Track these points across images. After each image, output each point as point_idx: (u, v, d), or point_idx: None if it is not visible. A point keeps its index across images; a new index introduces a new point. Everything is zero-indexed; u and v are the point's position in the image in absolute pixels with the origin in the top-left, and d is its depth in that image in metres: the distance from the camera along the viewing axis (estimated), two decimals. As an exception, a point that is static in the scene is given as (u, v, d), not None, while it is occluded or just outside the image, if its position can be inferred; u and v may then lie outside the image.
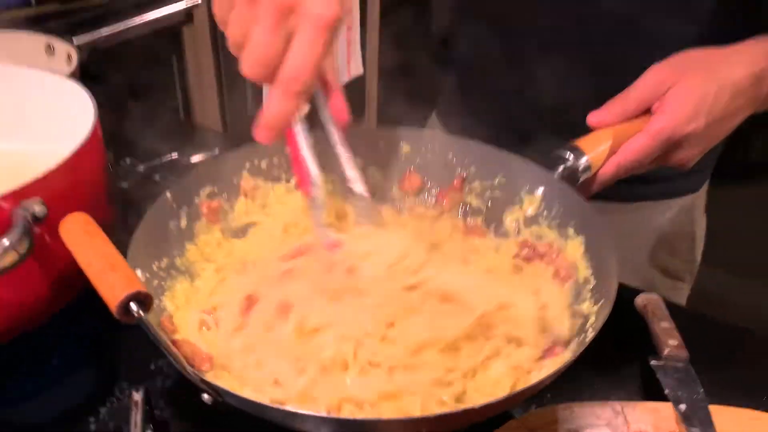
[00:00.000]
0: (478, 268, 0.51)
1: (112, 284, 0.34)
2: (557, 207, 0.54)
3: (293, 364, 0.39)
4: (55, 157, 0.44)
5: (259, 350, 0.40)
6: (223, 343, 0.43)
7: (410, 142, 0.59)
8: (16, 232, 0.38)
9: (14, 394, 0.48)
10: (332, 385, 0.38)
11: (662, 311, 0.58)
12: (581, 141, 0.54)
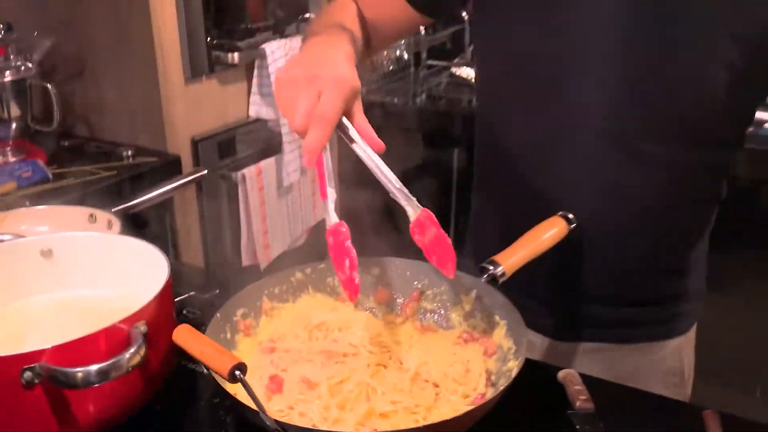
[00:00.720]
0: (427, 348, 0.74)
1: (222, 361, 0.54)
2: (486, 302, 0.77)
3: (323, 412, 0.60)
4: (138, 297, 0.65)
5: (300, 406, 0.61)
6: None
7: (379, 266, 0.83)
8: (136, 344, 0.59)
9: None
10: (351, 416, 0.59)
11: (576, 379, 0.80)
12: (498, 256, 0.78)
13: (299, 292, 0.81)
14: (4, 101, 1.47)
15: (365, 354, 0.69)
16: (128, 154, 1.62)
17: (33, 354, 0.57)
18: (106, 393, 0.61)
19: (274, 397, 0.65)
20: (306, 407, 0.61)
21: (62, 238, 0.79)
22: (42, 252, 0.78)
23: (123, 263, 0.77)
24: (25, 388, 0.57)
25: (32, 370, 0.57)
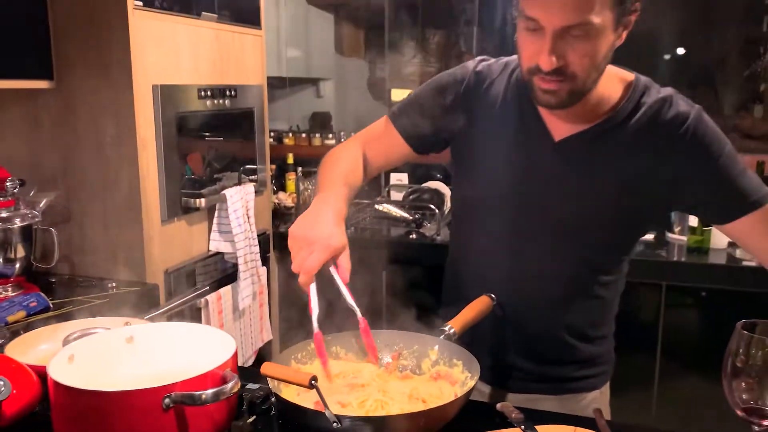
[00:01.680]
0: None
1: (303, 376, 0.87)
2: (446, 352, 1.13)
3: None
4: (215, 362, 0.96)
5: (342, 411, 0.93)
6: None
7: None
8: (234, 379, 0.90)
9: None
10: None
11: (510, 407, 1.15)
12: (450, 321, 1.15)
13: (313, 357, 1.13)
14: (13, 244, 1.73)
15: (375, 385, 1.02)
16: (112, 285, 1.90)
17: (170, 386, 0.86)
18: (211, 412, 0.90)
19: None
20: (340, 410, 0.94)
21: (141, 328, 1.09)
22: (126, 339, 1.07)
23: (189, 343, 1.07)
24: (164, 410, 0.86)
25: (169, 397, 0.86)
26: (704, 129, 1.11)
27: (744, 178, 1.12)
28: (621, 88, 1.14)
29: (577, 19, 0.98)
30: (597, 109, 1.13)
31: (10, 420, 0.97)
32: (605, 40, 1.02)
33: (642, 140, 1.12)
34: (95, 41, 1.88)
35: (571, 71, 1.03)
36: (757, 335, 0.90)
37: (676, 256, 2.44)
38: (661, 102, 1.13)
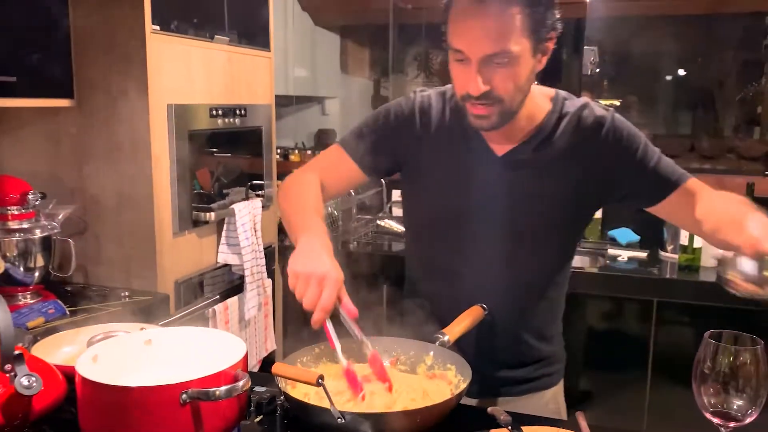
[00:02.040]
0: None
1: (311, 375, 0.95)
2: (440, 356, 1.22)
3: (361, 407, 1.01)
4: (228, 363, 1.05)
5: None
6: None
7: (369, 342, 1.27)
8: (245, 377, 0.99)
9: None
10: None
11: (500, 412, 1.23)
12: (445, 329, 1.23)
13: (318, 361, 1.22)
14: (33, 253, 1.83)
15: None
16: (125, 294, 1.99)
17: (187, 383, 0.95)
18: (223, 409, 0.99)
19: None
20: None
21: (159, 331, 1.18)
22: (145, 341, 1.16)
23: (203, 346, 1.15)
24: (181, 405, 0.95)
25: (186, 393, 0.95)
26: (621, 129, 1.26)
27: (661, 165, 1.27)
28: (546, 102, 1.29)
29: (497, 48, 1.11)
30: (529, 124, 1.27)
31: (39, 414, 1.05)
32: (525, 65, 1.15)
33: (571, 146, 1.26)
34: (114, 62, 1.99)
35: (498, 95, 1.16)
36: (722, 344, 0.99)
37: (668, 273, 2.52)
38: (580, 109, 1.28)
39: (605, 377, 2.53)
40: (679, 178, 1.26)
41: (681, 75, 3.95)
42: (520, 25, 1.11)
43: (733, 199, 1.09)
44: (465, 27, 1.13)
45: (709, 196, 1.17)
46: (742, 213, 1.01)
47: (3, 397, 1.01)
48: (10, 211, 1.79)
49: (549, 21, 1.16)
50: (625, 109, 3.71)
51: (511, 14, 1.10)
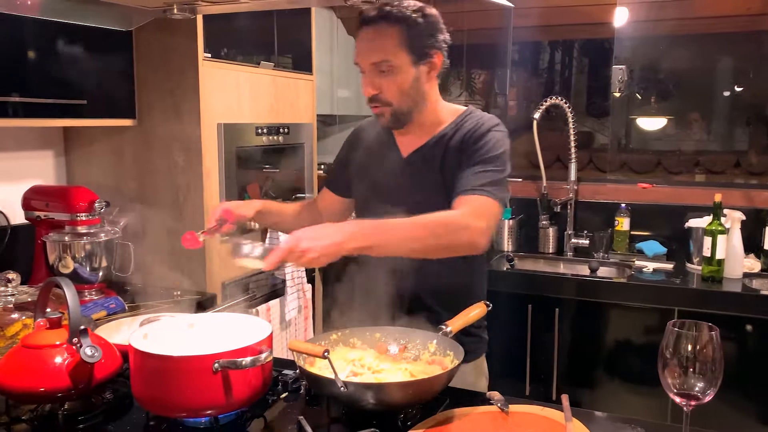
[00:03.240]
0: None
1: (318, 349, 1.13)
2: (442, 344, 1.37)
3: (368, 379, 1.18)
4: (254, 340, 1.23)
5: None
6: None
7: (378, 332, 1.43)
8: (268, 351, 1.17)
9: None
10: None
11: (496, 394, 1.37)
12: (448, 321, 1.39)
13: (335, 345, 1.39)
14: (98, 255, 2.07)
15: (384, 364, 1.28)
16: (177, 293, 2.21)
17: (218, 354, 1.14)
18: (249, 378, 1.18)
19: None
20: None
21: (200, 316, 1.38)
22: (188, 325, 1.37)
23: (237, 329, 1.35)
24: (214, 372, 1.14)
25: (218, 362, 1.14)
26: (493, 135, 1.50)
27: (488, 175, 1.44)
28: (452, 116, 1.58)
29: (378, 58, 1.45)
30: (431, 130, 1.57)
31: (99, 381, 1.26)
32: (406, 74, 1.46)
33: (454, 147, 1.52)
34: (171, 86, 2.24)
35: (386, 98, 1.49)
36: (684, 331, 1.12)
37: (694, 284, 2.59)
38: (474, 123, 1.53)
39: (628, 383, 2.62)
40: (463, 192, 1.43)
41: (737, 91, 3.97)
42: (398, 41, 1.44)
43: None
44: (359, 44, 1.49)
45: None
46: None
47: (71, 365, 1.22)
48: (79, 217, 2.04)
49: (429, 41, 1.47)
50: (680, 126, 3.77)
51: (390, 32, 1.44)
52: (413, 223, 1.30)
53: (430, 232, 1.31)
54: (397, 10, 1.45)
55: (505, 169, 1.49)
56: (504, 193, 1.47)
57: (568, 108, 3.09)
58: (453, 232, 1.33)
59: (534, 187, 3.28)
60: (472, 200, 1.41)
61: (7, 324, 1.54)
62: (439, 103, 1.58)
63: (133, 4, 1.61)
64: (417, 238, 1.30)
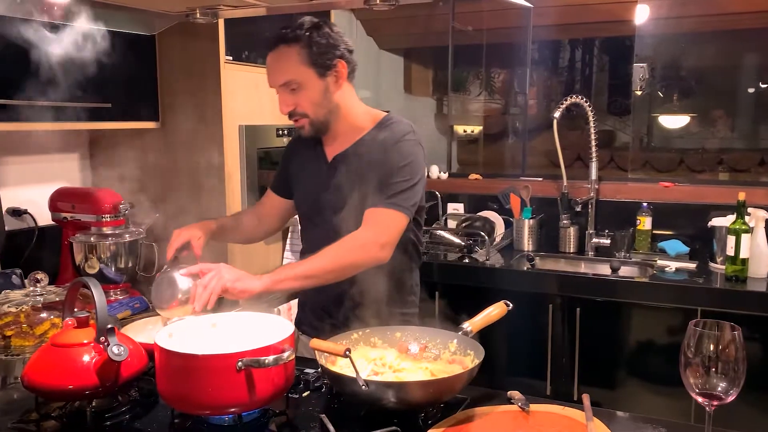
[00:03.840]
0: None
1: (339, 347, 1.14)
2: (462, 344, 1.38)
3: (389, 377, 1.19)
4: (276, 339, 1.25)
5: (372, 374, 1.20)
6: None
7: (399, 331, 1.44)
8: (291, 349, 1.19)
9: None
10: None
11: (517, 393, 1.38)
12: (468, 321, 1.40)
13: (356, 345, 1.41)
14: (123, 256, 2.11)
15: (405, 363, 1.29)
16: (200, 293, 2.24)
17: (242, 353, 1.16)
18: (272, 376, 1.19)
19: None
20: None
21: (223, 316, 1.40)
22: (211, 324, 1.39)
23: (259, 328, 1.36)
24: (237, 371, 1.15)
25: (242, 361, 1.16)
26: (401, 146, 1.61)
27: (394, 187, 1.57)
28: (370, 122, 1.68)
29: (284, 78, 1.58)
30: (353, 136, 1.68)
31: (126, 379, 1.29)
32: (315, 87, 1.59)
33: (369, 155, 1.64)
34: (193, 89, 2.27)
35: (302, 111, 1.62)
36: (706, 330, 1.11)
37: (717, 283, 2.57)
38: (386, 134, 1.64)
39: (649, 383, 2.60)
40: (374, 204, 1.57)
41: (762, 87, 3.93)
42: (299, 59, 1.56)
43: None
44: (267, 69, 1.62)
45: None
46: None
47: (98, 363, 1.25)
48: (104, 218, 2.08)
49: (330, 53, 1.59)
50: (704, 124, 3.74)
51: (290, 53, 1.57)
52: (322, 256, 1.51)
53: (334, 260, 1.52)
54: (291, 31, 1.58)
55: (412, 178, 1.60)
56: (410, 201, 1.60)
57: (589, 106, 3.07)
58: (355, 254, 1.53)
59: (554, 186, 3.26)
60: (377, 214, 1.57)
61: (36, 323, 1.57)
62: (357, 107, 1.70)
63: (157, 9, 1.64)
64: (328, 270, 1.52)
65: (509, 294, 1.68)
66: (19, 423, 1.27)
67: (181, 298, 1.49)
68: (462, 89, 4.69)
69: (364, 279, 1.62)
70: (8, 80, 1.82)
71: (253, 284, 1.47)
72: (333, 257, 1.52)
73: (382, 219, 1.57)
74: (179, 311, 1.48)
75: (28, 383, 1.26)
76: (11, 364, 1.54)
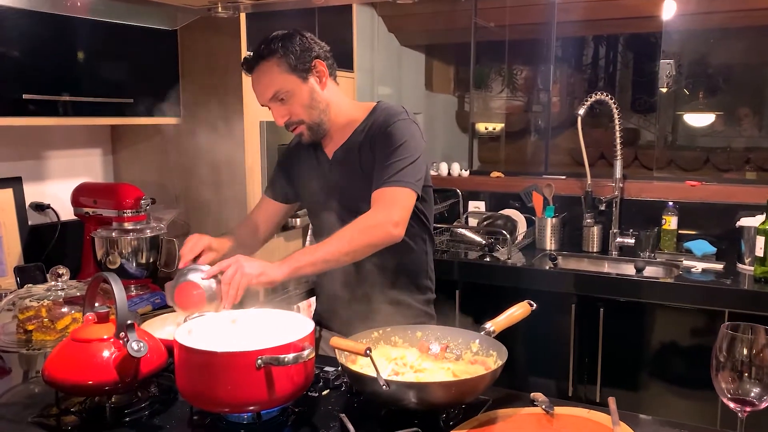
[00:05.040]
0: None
1: (360, 347, 1.12)
2: (484, 344, 1.36)
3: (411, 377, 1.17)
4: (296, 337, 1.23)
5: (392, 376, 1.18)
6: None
7: (420, 330, 1.42)
8: (311, 348, 1.17)
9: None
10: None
11: (540, 395, 1.35)
12: (491, 321, 1.37)
13: (376, 343, 1.39)
14: (144, 251, 2.11)
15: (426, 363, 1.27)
16: (220, 289, 2.23)
17: (262, 350, 1.14)
18: (292, 374, 1.18)
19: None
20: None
21: (243, 312, 1.39)
22: (231, 321, 1.38)
23: (279, 325, 1.35)
24: (257, 368, 1.14)
25: (261, 358, 1.14)
26: (395, 127, 1.62)
27: (395, 166, 1.58)
28: (362, 113, 1.72)
29: (271, 92, 1.63)
30: (348, 130, 1.72)
31: (145, 375, 1.28)
32: (302, 92, 1.63)
33: (367, 142, 1.67)
34: (214, 85, 2.27)
35: (298, 119, 1.66)
36: (739, 334, 1.08)
37: (745, 285, 2.51)
38: (380, 118, 1.67)
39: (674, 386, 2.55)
40: (384, 183, 1.58)
41: None
42: (279, 70, 1.61)
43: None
44: (254, 89, 1.68)
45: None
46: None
47: (118, 359, 1.24)
48: (125, 213, 2.08)
49: (306, 56, 1.63)
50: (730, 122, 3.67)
51: (269, 67, 1.61)
52: (337, 239, 1.53)
53: (349, 242, 1.52)
54: (265, 47, 1.63)
55: (412, 155, 1.61)
56: (415, 176, 1.60)
57: (614, 103, 3.02)
58: (369, 234, 1.54)
59: (578, 185, 3.22)
60: (384, 194, 1.58)
61: (57, 318, 1.58)
62: (346, 102, 1.74)
63: (179, 3, 1.63)
64: (344, 252, 1.53)
65: (531, 293, 1.65)
66: (40, 417, 1.27)
67: (209, 297, 1.47)
68: (484, 86, 4.65)
69: (378, 266, 1.66)
70: (31, 76, 1.82)
71: (275, 273, 1.49)
72: (348, 240, 1.53)
73: (390, 197, 1.58)
74: (206, 311, 1.47)
75: (48, 378, 1.25)
76: (33, 359, 1.55)
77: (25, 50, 1.80)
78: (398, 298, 1.73)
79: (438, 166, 3.57)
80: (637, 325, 2.60)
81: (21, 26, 1.78)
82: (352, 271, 1.68)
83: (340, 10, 2.80)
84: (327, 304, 1.86)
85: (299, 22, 2.54)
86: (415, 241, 1.75)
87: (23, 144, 2.21)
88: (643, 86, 4.29)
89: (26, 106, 1.80)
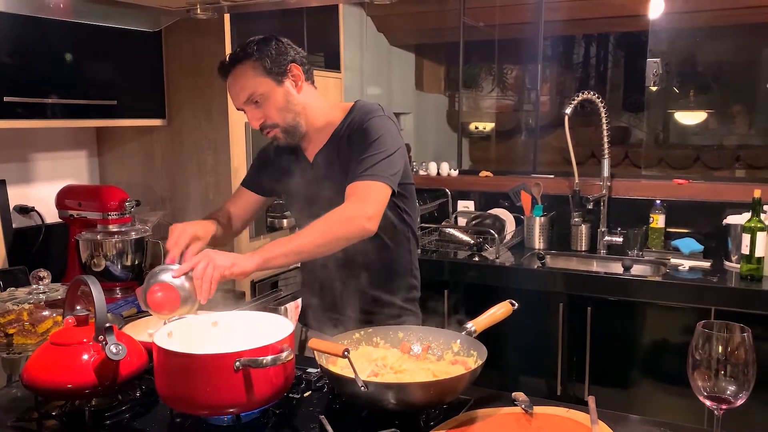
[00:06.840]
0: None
1: (337, 347, 1.12)
2: (465, 344, 1.36)
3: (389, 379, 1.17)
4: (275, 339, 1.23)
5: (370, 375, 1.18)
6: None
7: (401, 331, 1.42)
8: (289, 350, 1.17)
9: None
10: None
11: (521, 395, 1.35)
12: (472, 321, 1.37)
13: (358, 345, 1.39)
14: (128, 253, 2.11)
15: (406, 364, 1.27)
16: (207, 291, 2.23)
17: (240, 352, 1.14)
18: (271, 376, 1.18)
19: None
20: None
21: (224, 315, 1.39)
22: (212, 323, 1.37)
23: (259, 327, 1.35)
24: (235, 371, 1.14)
25: (239, 360, 1.14)
26: (370, 123, 1.62)
27: (370, 160, 1.57)
28: (340, 114, 1.71)
29: (246, 95, 1.62)
30: (327, 132, 1.71)
31: (125, 378, 1.28)
32: (277, 95, 1.63)
33: (345, 142, 1.67)
34: (199, 87, 2.26)
35: (272, 122, 1.65)
36: (714, 332, 1.08)
37: (732, 282, 2.52)
38: (357, 116, 1.67)
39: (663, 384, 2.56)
40: (358, 177, 1.57)
41: None
42: (253, 73, 1.61)
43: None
44: (229, 92, 1.67)
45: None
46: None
47: (96, 362, 1.24)
48: (110, 216, 2.07)
49: (281, 60, 1.62)
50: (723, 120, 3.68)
51: (243, 70, 1.62)
52: (310, 231, 1.52)
53: (322, 234, 1.51)
54: (241, 51, 1.63)
55: (387, 150, 1.60)
56: (390, 171, 1.59)
57: (601, 103, 3.02)
58: (342, 227, 1.52)
59: (566, 184, 3.22)
60: (358, 187, 1.57)
61: (38, 321, 1.57)
62: (323, 105, 1.74)
63: (157, 5, 1.63)
64: (316, 244, 1.51)
65: (519, 293, 1.66)
66: (20, 422, 1.27)
67: (183, 296, 1.45)
68: (474, 86, 4.66)
69: (363, 265, 1.67)
70: (15, 78, 1.82)
71: (247, 264, 1.47)
72: (321, 232, 1.52)
73: (364, 191, 1.57)
74: (182, 311, 1.46)
75: (27, 381, 1.25)
76: (14, 362, 1.54)
77: (7, 53, 1.79)
78: (383, 297, 1.73)
79: (427, 166, 3.57)
80: (625, 323, 2.61)
81: (3, 29, 1.77)
82: (336, 271, 1.69)
83: (327, 10, 2.80)
84: (312, 304, 1.85)
85: (287, 21, 2.54)
86: (398, 239, 1.76)
87: (7, 146, 2.20)
88: (633, 85, 4.29)
89: (10, 108, 1.80)
